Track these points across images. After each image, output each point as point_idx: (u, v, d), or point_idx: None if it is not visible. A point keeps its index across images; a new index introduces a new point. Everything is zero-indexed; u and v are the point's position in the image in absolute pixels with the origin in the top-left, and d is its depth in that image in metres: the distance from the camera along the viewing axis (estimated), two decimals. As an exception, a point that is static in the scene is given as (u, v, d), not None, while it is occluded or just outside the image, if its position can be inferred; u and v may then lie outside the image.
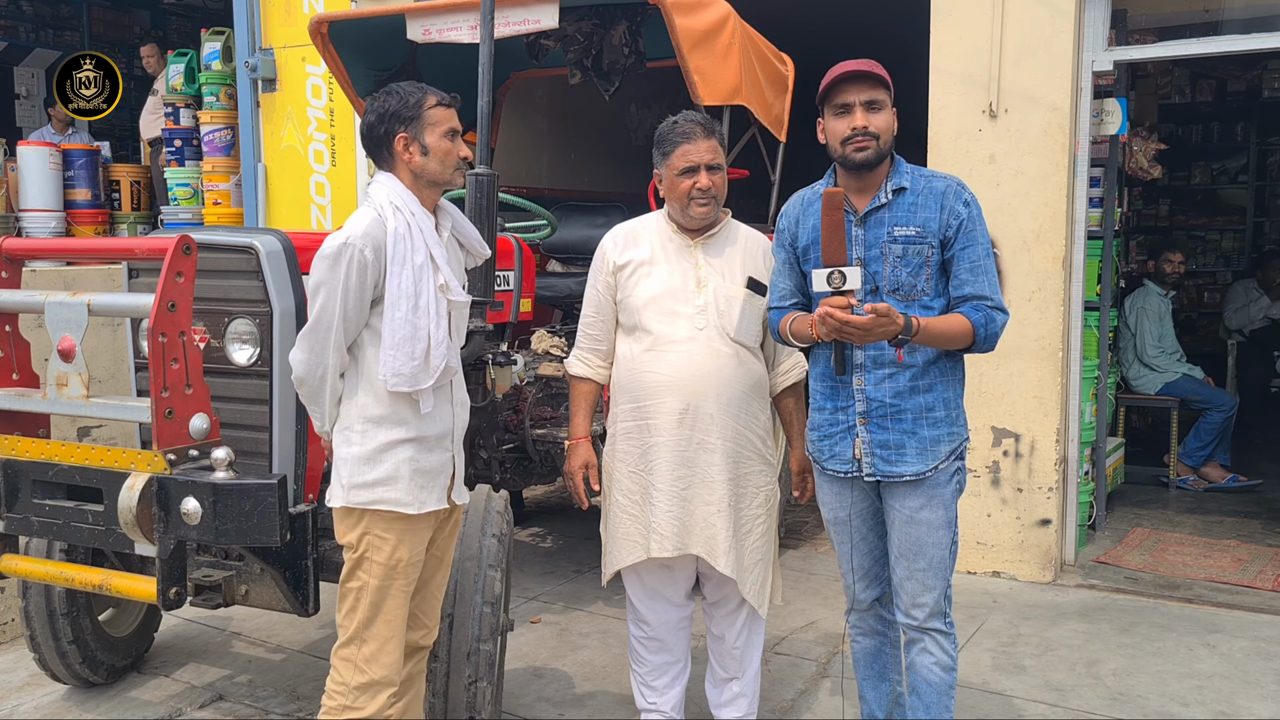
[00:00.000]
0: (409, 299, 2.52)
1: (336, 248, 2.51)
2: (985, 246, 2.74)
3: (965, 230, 2.71)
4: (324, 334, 2.53)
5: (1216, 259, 9.89)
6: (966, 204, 2.73)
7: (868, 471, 2.76)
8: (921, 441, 2.73)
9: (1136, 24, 5.41)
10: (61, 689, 3.79)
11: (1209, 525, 5.91)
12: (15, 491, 2.83)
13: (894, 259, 2.71)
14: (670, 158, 3.00)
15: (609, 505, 3.15)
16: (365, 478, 2.57)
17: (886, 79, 2.73)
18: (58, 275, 5.04)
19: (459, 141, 2.67)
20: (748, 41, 4.66)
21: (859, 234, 2.75)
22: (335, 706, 2.61)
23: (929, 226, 2.70)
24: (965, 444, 2.82)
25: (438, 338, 2.56)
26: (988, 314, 2.69)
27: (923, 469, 2.72)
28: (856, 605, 3.00)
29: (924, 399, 2.73)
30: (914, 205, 2.72)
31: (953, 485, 2.78)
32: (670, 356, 3.00)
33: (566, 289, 5.10)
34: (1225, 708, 3.67)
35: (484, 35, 3.38)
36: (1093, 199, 5.36)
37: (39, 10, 10.69)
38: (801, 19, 6.56)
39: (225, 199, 6.98)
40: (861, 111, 2.68)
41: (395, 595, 2.61)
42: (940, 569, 2.77)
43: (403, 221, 2.55)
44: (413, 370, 2.53)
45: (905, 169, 2.79)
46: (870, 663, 3.05)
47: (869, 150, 2.68)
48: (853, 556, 2.92)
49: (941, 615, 2.79)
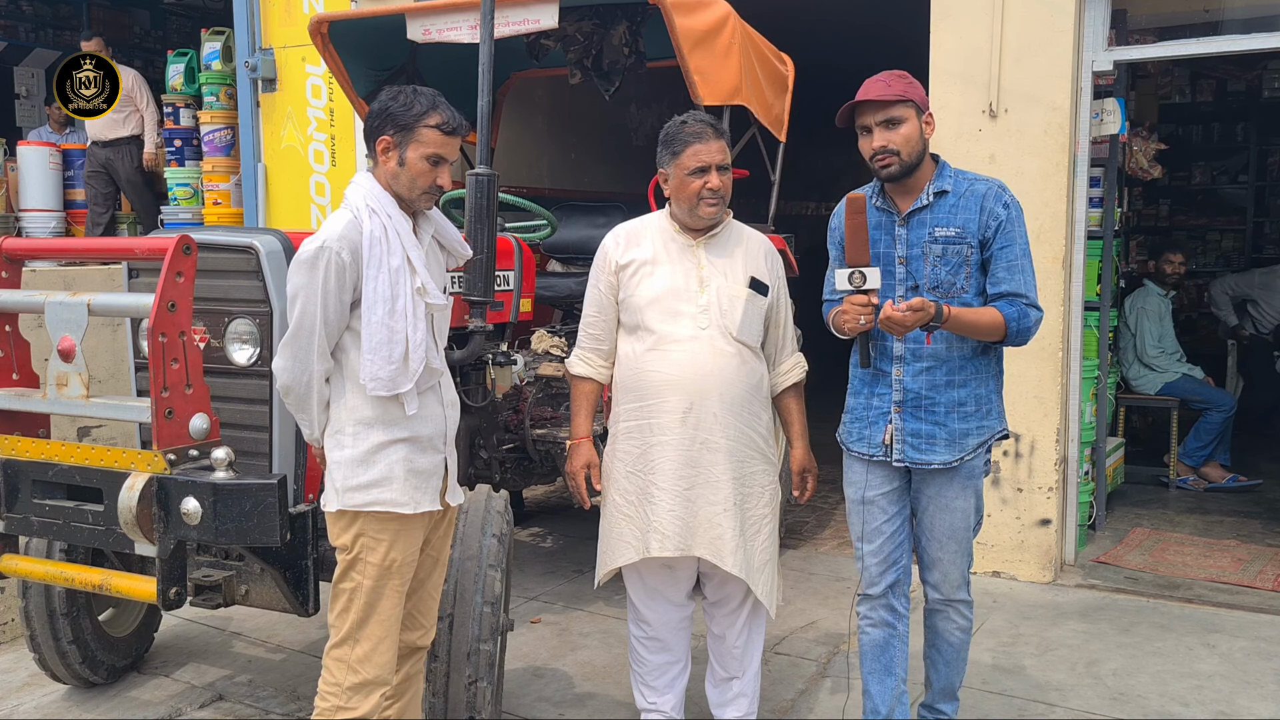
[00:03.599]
0: (385, 302, 2.51)
1: (313, 251, 2.49)
2: (1023, 246, 2.88)
3: (1003, 231, 2.85)
4: (306, 340, 2.52)
5: (1216, 259, 9.88)
6: (1006, 206, 2.87)
7: (897, 457, 2.92)
8: (951, 433, 2.90)
9: (1136, 24, 5.41)
10: (61, 689, 3.79)
11: (1209, 525, 5.91)
12: (15, 491, 2.83)
13: (934, 258, 2.87)
14: (680, 157, 3.00)
15: (605, 505, 3.15)
16: (359, 479, 2.56)
17: (903, 94, 2.83)
18: (58, 275, 5.04)
19: (443, 169, 2.61)
20: (748, 41, 4.66)
21: (902, 233, 2.91)
22: (328, 707, 2.60)
23: (968, 227, 2.85)
24: (996, 436, 2.97)
25: (415, 340, 2.54)
26: (1021, 309, 2.83)
27: (950, 459, 2.89)
28: (870, 591, 3.05)
29: (957, 393, 2.90)
30: (955, 207, 2.87)
31: (981, 476, 2.98)
32: (673, 356, 3.00)
33: (566, 289, 5.09)
34: (1225, 708, 3.67)
35: (484, 35, 3.38)
36: (1093, 199, 5.36)
37: (39, 10, 10.69)
38: (801, 19, 6.55)
39: (225, 199, 6.97)
40: (880, 131, 2.84)
41: (389, 596, 2.61)
42: (965, 550, 3.00)
43: (379, 224, 2.53)
44: (391, 374, 2.52)
45: (949, 172, 2.94)
46: (878, 655, 3.07)
47: (892, 166, 2.84)
48: (874, 538, 3.02)
49: (966, 585, 3.04)
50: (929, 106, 2.91)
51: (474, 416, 4.04)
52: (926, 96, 2.91)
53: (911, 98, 2.83)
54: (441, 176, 2.62)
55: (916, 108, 2.84)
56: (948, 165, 2.95)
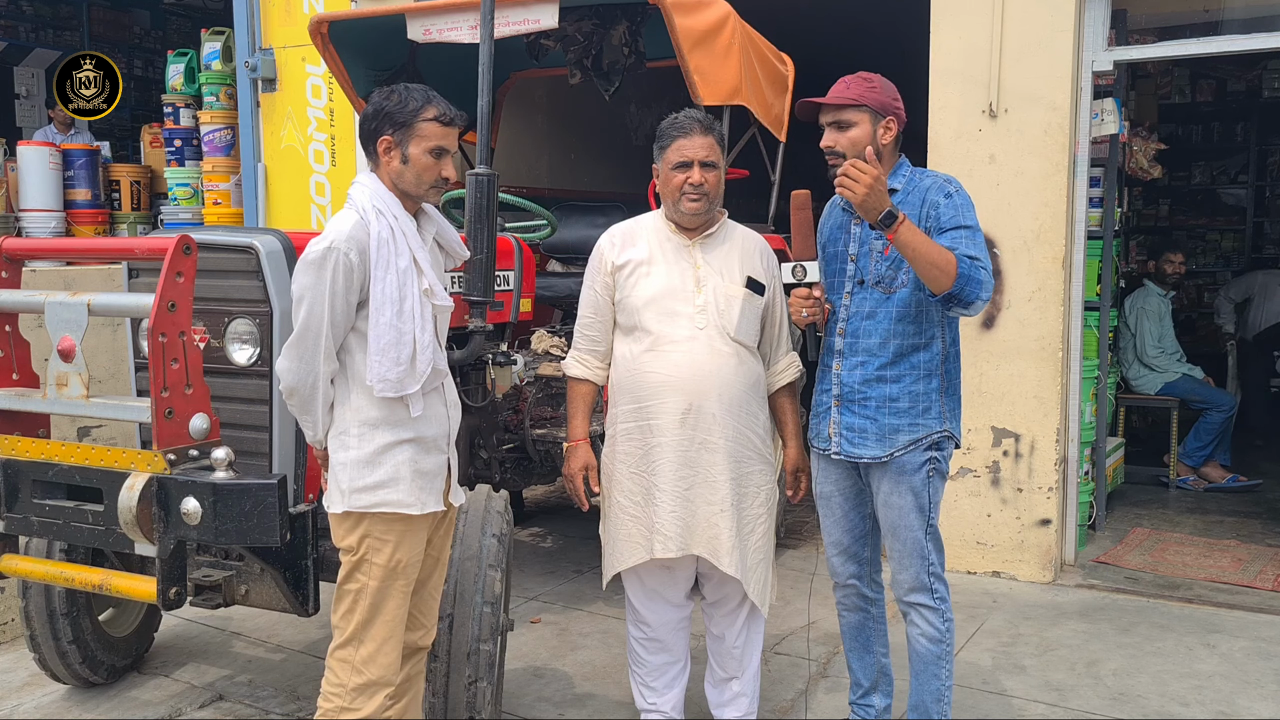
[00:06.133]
0: (393, 304, 2.51)
1: (321, 252, 2.48)
2: (973, 228, 2.84)
3: (945, 216, 2.83)
4: (313, 341, 2.51)
5: (1216, 259, 9.89)
6: (948, 195, 2.86)
7: (835, 450, 3.00)
8: (881, 428, 2.92)
9: (1136, 24, 5.41)
10: (61, 689, 3.79)
11: (1209, 525, 5.91)
12: (15, 491, 2.83)
13: (877, 254, 2.91)
14: (666, 152, 3.01)
15: (609, 506, 3.14)
16: (366, 480, 2.56)
17: (856, 99, 2.84)
18: (58, 275, 5.04)
19: (446, 161, 2.62)
20: (748, 41, 4.66)
21: (856, 231, 2.98)
22: (332, 708, 2.60)
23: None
24: (935, 437, 2.93)
25: (423, 342, 2.54)
26: (972, 264, 2.76)
27: (879, 454, 2.92)
28: (836, 580, 3.19)
29: (889, 389, 2.91)
30: (901, 204, 2.87)
31: (921, 474, 2.92)
32: (671, 356, 3.00)
33: (566, 289, 5.09)
34: (1225, 708, 3.67)
35: (484, 35, 3.38)
36: (1093, 199, 5.36)
37: (39, 10, 10.69)
38: (801, 19, 6.56)
39: (225, 199, 6.97)
40: (829, 131, 2.90)
41: (394, 596, 2.61)
42: (916, 550, 2.95)
43: (385, 225, 2.53)
44: (399, 375, 2.52)
45: (904, 172, 2.95)
46: (855, 635, 3.23)
47: (838, 167, 2.82)
48: (833, 531, 3.13)
49: (925, 590, 2.97)
50: (898, 111, 2.90)
51: (474, 416, 4.04)
52: (894, 101, 2.90)
53: (866, 102, 2.85)
54: (446, 168, 2.62)
55: (873, 112, 2.85)
56: (905, 165, 2.97)
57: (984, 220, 2.94)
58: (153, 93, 8.28)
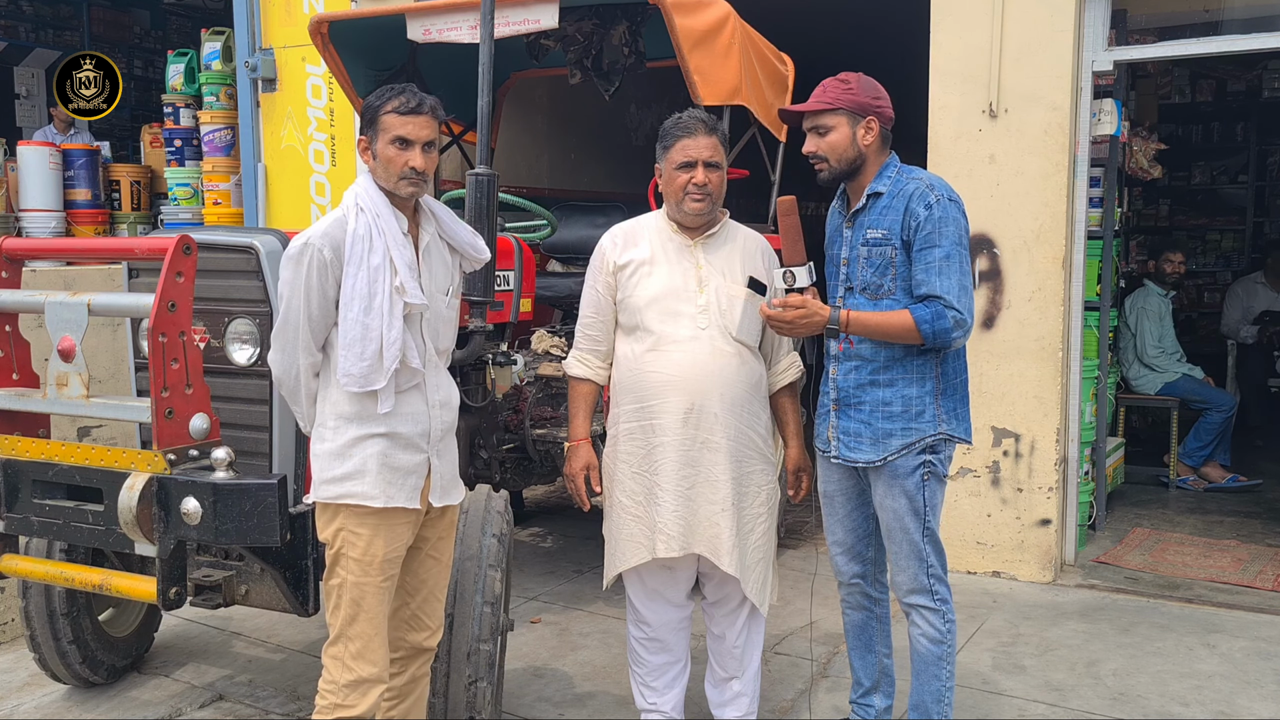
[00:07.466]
0: (361, 300, 2.53)
1: (298, 248, 2.55)
2: (947, 249, 2.82)
3: (922, 233, 2.82)
4: (292, 334, 2.57)
5: (1216, 259, 9.89)
6: (929, 207, 2.82)
7: (833, 453, 3.03)
8: (875, 433, 2.94)
9: (1136, 24, 5.41)
10: (61, 689, 3.79)
11: (1209, 525, 5.91)
12: (15, 491, 2.83)
13: (863, 260, 2.92)
14: (670, 151, 3.01)
15: (610, 506, 3.14)
16: (335, 472, 2.58)
17: (831, 103, 2.87)
18: (58, 275, 5.04)
19: (413, 151, 2.57)
20: (748, 41, 4.66)
21: (848, 235, 2.99)
22: (327, 705, 2.62)
23: (893, 229, 2.87)
24: (930, 440, 2.92)
25: (390, 338, 2.55)
26: (938, 310, 2.79)
27: (874, 458, 2.94)
28: (840, 579, 3.21)
29: (883, 393, 2.92)
30: (886, 209, 2.89)
31: (915, 478, 2.93)
32: (673, 356, 3.00)
33: (566, 289, 5.09)
34: (1225, 708, 3.67)
35: (484, 35, 3.38)
36: (1093, 199, 5.36)
37: (39, 10, 10.69)
38: (801, 19, 6.56)
39: (225, 199, 6.97)
40: (810, 136, 2.93)
41: (374, 592, 2.61)
42: (914, 552, 2.96)
43: (364, 223, 2.56)
44: (363, 370, 2.54)
45: (890, 173, 2.93)
46: (858, 634, 3.27)
47: (823, 171, 2.93)
48: (836, 530, 3.16)
49: (925, 592, 2.99)
50: (880, 109, 2.89)
51: (474, 416, 4.04)
52: (874, 101, 2.89)
53: (841, 105, 2.86)
54: (413, 159, 2.57)
55: (850, 114, 2.86)
56: (893, 166, 2.94)
57: (984, 220, 2.95)
58: (153, 93, 8.28)
